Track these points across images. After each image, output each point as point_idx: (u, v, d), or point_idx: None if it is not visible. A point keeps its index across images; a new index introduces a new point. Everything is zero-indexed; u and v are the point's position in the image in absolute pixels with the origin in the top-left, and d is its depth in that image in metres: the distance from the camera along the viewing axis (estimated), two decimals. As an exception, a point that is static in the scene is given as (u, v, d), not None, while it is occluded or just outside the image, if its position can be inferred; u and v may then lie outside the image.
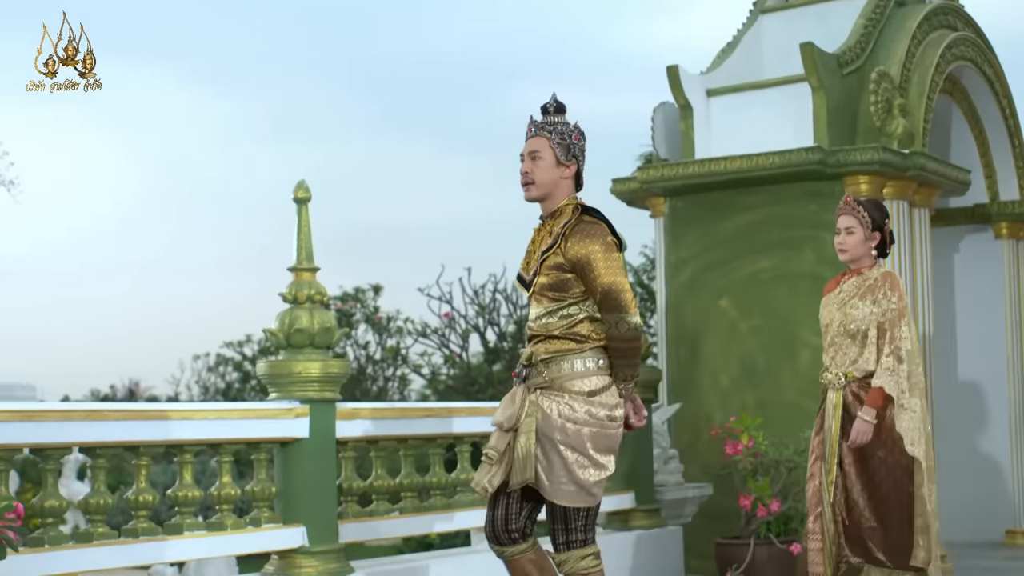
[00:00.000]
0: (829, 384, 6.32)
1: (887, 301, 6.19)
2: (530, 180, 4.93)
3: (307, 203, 6.21)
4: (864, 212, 6.29)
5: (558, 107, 5.00)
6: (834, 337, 6.33)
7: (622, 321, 4.78)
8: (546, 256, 4.85)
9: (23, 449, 5.37)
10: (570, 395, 4.78)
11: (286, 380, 6.14)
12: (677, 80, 9.22)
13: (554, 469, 4.75)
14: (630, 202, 9.88)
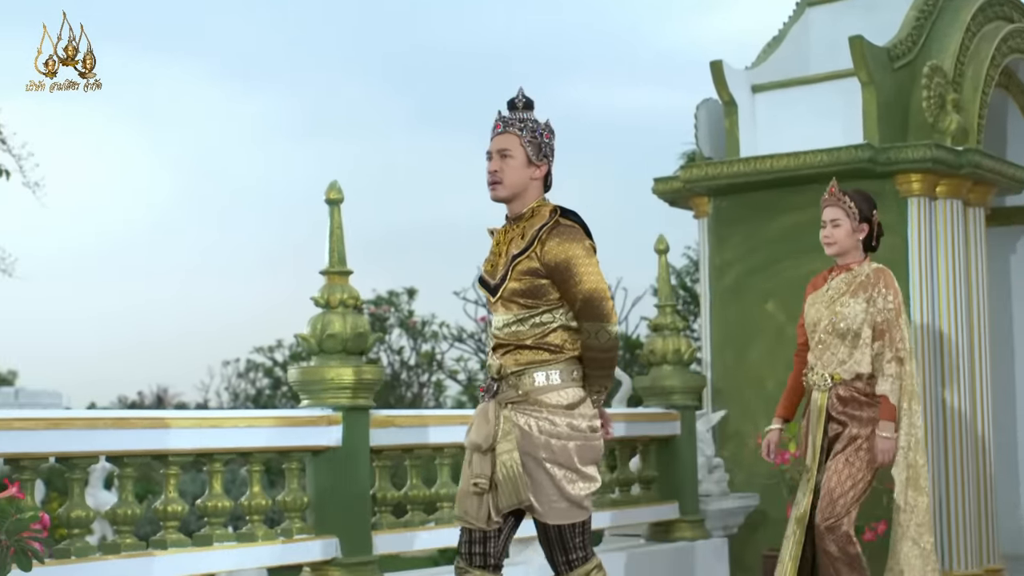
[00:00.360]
0: (814, 385, 6.21)
1: (883, 300, 6.07)
2: (498, 180, 4.78)
3: (339, 204, 6.20)
4: (851, 203, 6.16)
5: (527, 103, 4.86)
6: (821, 336, 6.17)
7: (603, 330, 4.67)
8: (519, 260, 4.70)
9: (49, 458, 5.38)
10: (548, 409, 4.66)
11: (318, 387, 6.14)
12: (721, 76, 9.17)
13: (543, 489, 4.65)
14: (673, 202, 9.84)
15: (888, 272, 6.18)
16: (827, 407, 6.13)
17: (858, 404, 6.13)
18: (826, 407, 6.13)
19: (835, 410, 6.11)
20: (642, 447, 8.28)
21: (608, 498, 7.92)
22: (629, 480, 8.14)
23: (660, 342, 8.34)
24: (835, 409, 6.11)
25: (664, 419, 8.18)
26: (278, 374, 22.59)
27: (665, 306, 8.36)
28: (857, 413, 6.12)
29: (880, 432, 6.01)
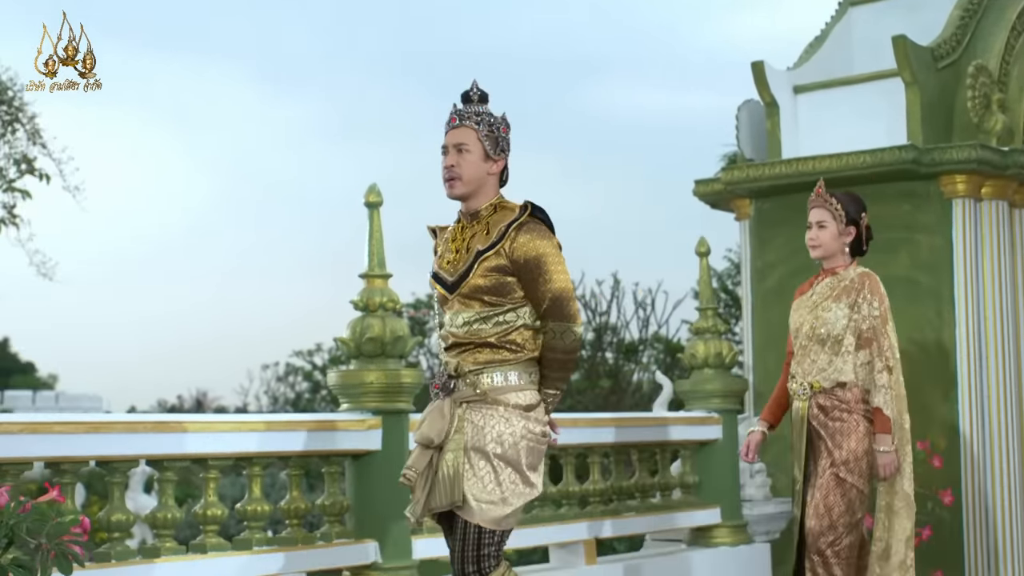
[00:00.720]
0: (794, 394, 6.09)
1: (869, 307, 5.92)
2: (456, 175, 4.69)
3: (379, 207, 6.22)
4: (837, 204, 6.04)
5: (481, 96, 4.76)
6: (803, 343, 6.04)
7: (569, 331, 4.62)
8: (485, 256, 4.61)
9: (89, 462, 5.42)
10: (505, 408, 4.60)
11: (358, 390, 6.16)
12: (763, 77, 9.15)
13: (481, 484, 4.56)
14: (714, 204, 9.82)
15: (874, 277, 6.03)
16: (808, 416, 5.99)
17: (839, 413, 5.97)
18: (807, 416, 5.99)
19: (816, 420, 5.96)
20: (683, 451, 8.26)
21: (649, 503, 7.90)
22: (670, 484, 8.12)
23: (701, 345, 8.31)
24: (816, 419, 5.96)
25: (705, 423, 8.15)
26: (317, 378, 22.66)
27: (706, 309, 8.34)
28: (838, 424, 5.95)
29: (878, 447, 5.86)
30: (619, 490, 7.73)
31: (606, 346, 16.23)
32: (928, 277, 8.54)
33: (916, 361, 8.40)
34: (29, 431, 4.99)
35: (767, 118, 9.30)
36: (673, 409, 9.03)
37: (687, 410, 8.36)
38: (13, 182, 10.52)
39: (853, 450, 5.88)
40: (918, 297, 8.53)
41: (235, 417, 5.87)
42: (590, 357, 15.97)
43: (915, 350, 8.43)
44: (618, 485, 7.72)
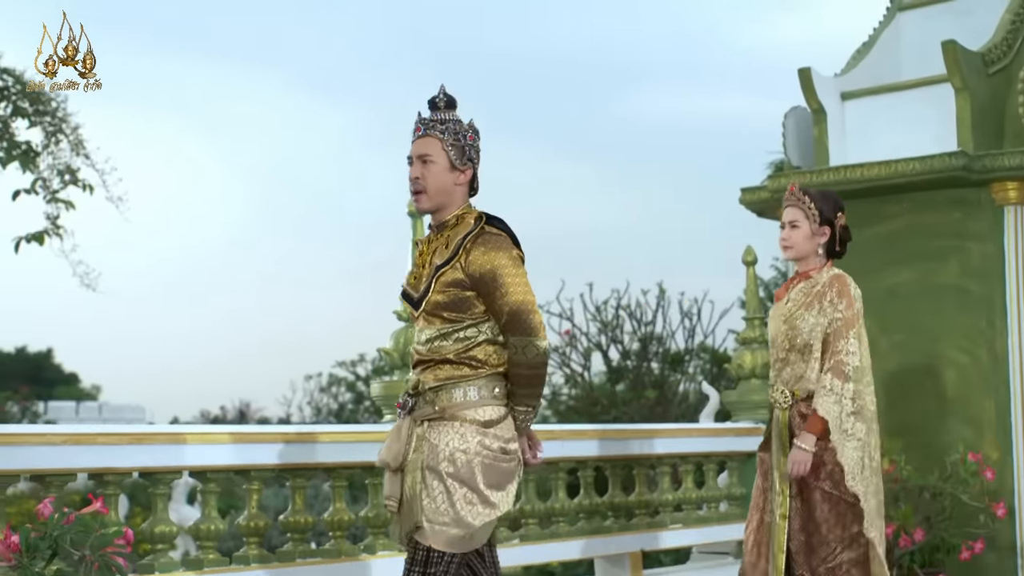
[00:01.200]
0: (775, 403, 5.83)
1: (833, 309, 5.65)
2: (421, 188, 4.53)
3: (421, 217, 6.23)
4: (810, 203, 5.79)
5: (448, 101, 4.60)
6: (779, 352, 5.80)
7: (530, 345, 4.43)
8: (442, 271, 4.46)
9: (132, 473, 5.46)
10: (462, 424, 4.41)
11: (399, 402, 6.16)
12: (810, 83, 9.12)
13: (436, 506, 4.37)
14: (760, 212, 9.78)
15: (844, 279, 5.77)
16: (789, 426, 5.73)
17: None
18: (788, 426, 5.74)
19: (798, 428, 5.69)
20: (730, 463, 8.23)
21: (696, 515, 7.88)
22: (717, 497, 8.10)
23: (748, 356, 8.29)
24: (798, 428, 5.68)
25: (753, 434, 8.12)
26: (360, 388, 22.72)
27: (753, 319, 8.32)
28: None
29: (798, 443, 5.58)
30: (665, 502, 7.71)
31: (652, 356, 16.19)
32: (979, 286, 8.47)
33: (967, 371, 8.34)
34: (72, 442, 5.03)
35: (814, 125, 9.26)
36: (720, 420, 9.01)
37: (734, 421, 8.35)
38: (56, 193, 10.59)
39: (836, 460, 5.59)
40: (969, 306, 8.47)
41: (278, 428, 5.90)
42: (635, 368, 15.94)
43: (966, 360, 8.37)
44: (664, 497, 7.70)
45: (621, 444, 7.43)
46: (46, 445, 4.97)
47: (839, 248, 5.89)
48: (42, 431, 5.16)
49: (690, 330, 16.20)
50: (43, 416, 27.79)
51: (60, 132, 10.54)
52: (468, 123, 4.61)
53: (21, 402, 24.01)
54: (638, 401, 15.37)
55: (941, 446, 8.17)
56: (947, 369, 8.60)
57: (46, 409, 32.06)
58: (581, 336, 16.22)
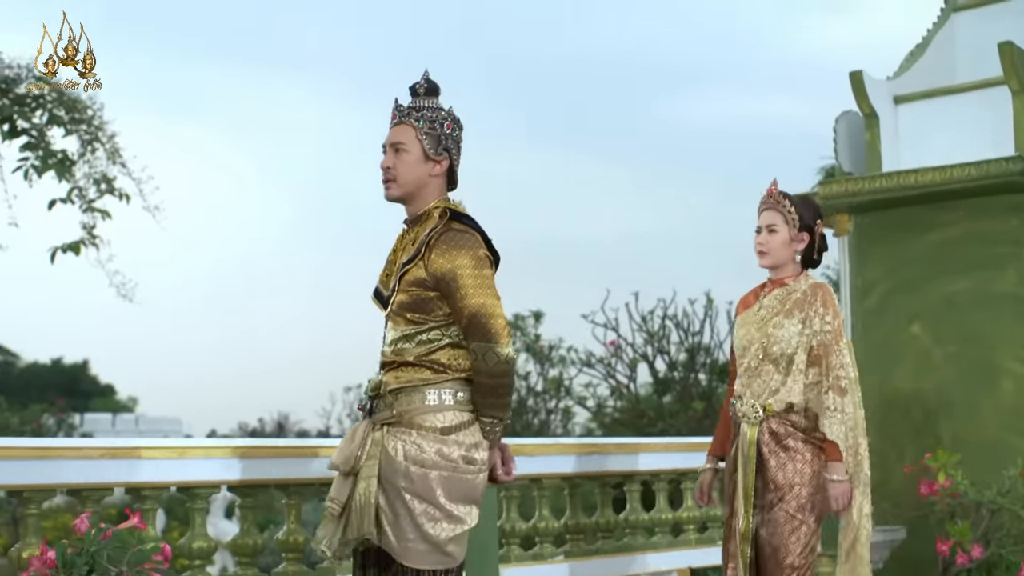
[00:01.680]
0: (743, 417, 5.50)
1: (820, 321, 5.43)
2: (391, 177, 4.39)
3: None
4: (791, 207, 5.57)
5: (429, 88, 4.45)
6: (751, 362, 5.52)
7: (490, 352, 4.24)
8: (407, 269, 4.32)
9: (170, 487, 5.47)
10: (419, 432, 4.25)
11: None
12: (861, 87, 9.07)
13: (400, 523, 4.21)
14: (811, 219, 9.72)
15: (827, 288, 5.57)
16: (758, 442, 5.44)
17: (792, 441, 5.44)
18: (757, 442, 5.44)
19: (768, 447, 5.42)
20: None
21: (745, 530, 7.84)
22: (767, 512, 8.04)
23: (799, 367, 8.22)
24: (768, 446, 5.42)
25: (804, 448, 8.06)
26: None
27: (804, 329, 8.25)
28: (790, 453, 5.42)
29: (830, 475, 5.35)
30: (714, 517, 7.68)
31: (699, 367, 16.12)
32: (1040, 295, 8.41)
33: (1026, 382, 8.28)
34: (109, 456, 5.05)
35: (866, 129, 9.22)
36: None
37: (784, 434, 8.28)
38: (92, 202, 10.64)
39: (806, 483, 5.39)
40: (1027, 315, 8.42)
41: (316, 442, 5.89)
42: (682, 379, 15.88)
43: (1022, 371, 8.31)
44: (713, 512, 7.67)
45: (667, 457, 7.40)
46: (83, 459, 4.99)
47: (816, 257, 5.68)
48: (79, 445, 5.18)
49: (738, 340, 16.12)
50: (79, 428, 27.96)
51: (96, 140, 10.59)
52: (448, 111, 4.46)
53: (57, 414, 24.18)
54: (685, 413, 15.30)
55: (999, 460, 8.10)
56: (1004, 380, 8.53)
57: (82, 421, 32.25)
58: (627, 347, 16.17)
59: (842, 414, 5.35)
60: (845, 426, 5.35)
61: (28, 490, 4.92)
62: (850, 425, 5.37)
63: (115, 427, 38.25)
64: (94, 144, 10.59)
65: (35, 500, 4.94)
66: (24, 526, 4.99)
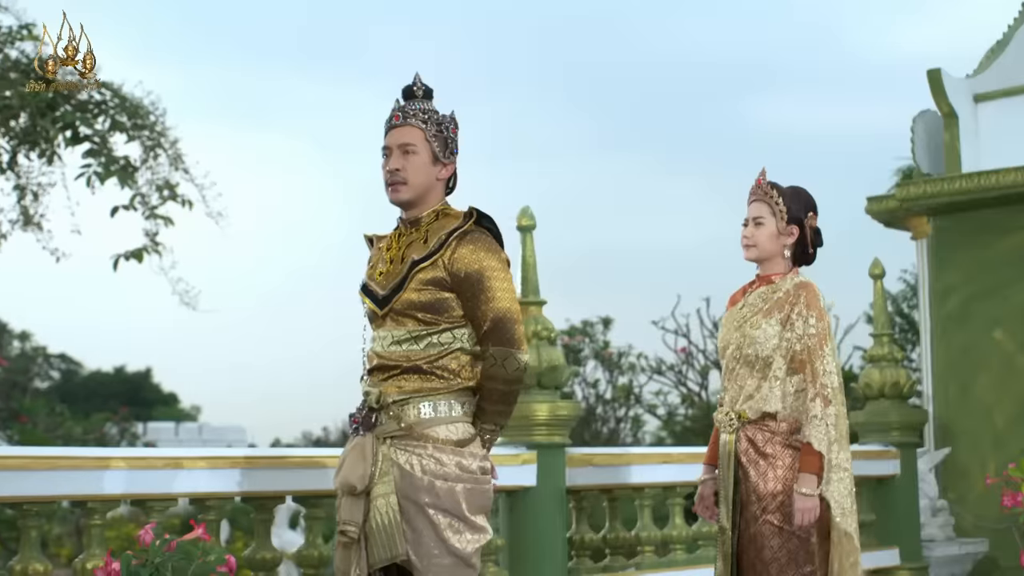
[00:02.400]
0: (720, 425, 5.26)
1: (803, 323, 5.10)
2: (401, 179, 4.29)
3: (532, 231, 6.24)
4: (778, 198, 5.27)
5: (427, 91, 4.38)
6: (730, 364, 5.23)
7: (511, 358, 4.20)
8: (421, 267, 4.22)
9: (234, 498, 5.50)
10: (434, 445, 4.17)
11: (511, 423, 6.14)
12: (940, 85, 8.99)
13: (423, 541, 4.14)
14: (888, 222, 9.67)
15: (813, 288, 5.22)
16: (736, 452, 5.18)
17: (772, 448, 5.12)
18: (735, 452, 5.18)
19: (746, 455, 5.15)
20: (858, 488, 8.11)
21: (822, 543, 7.79)
22: (844, 523, 7.99)
23: (877, 374, 8.18)
24: (746, 454, 5.15)
25: (882, 457, 8.01)
26: (467, 409, 22.80)
27: (881, 335, 8.20)
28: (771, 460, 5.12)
29: (799, 487, 4.98)
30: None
31: (772, 374, 16.06)
32: None
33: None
34: (173, 466, 5.09)
35: (945, 129, 9.14)
36: (846, 442, 8.89)
37: (862, 443, 8.23)
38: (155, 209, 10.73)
39: (790, 492, 5.04)
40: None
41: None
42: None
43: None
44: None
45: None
46: (147, 469, 5.03)
47: (811, 251, 5.35)
48: (143, 455, 5.23)
49: (813, 347, 16.02)
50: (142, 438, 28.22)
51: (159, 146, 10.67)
52: (450, 114, 4.40)
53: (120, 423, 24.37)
54: (759, 421, 15.25)
55: (1085, 470, 8.00)
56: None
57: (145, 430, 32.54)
58: (698, 353, 16.12)
59: (826, 425, 5.01)
60: (829, 439, 5.00)
61: (92, 500, 4.97)
62: (834, 437, 5.01)
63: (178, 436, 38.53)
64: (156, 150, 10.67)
65: (99, 510, 4.99)
66: (88, 536, 5.04)
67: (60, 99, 10.24)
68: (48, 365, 33.80)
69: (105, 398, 39.10)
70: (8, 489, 4.77)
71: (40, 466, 4.82)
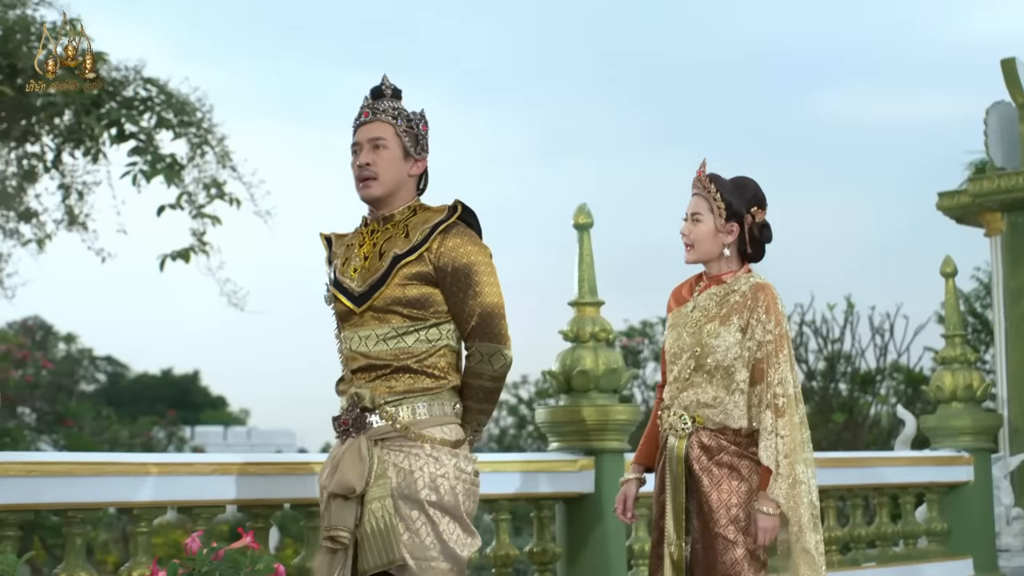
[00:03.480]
0: (669, 429, 4.94)
1: (763, 329, 4.84)
2: (371, 175, 4.30)
3: (589, 229, 6.21)
4: (716, 193, 4.96)
5: (395, 91, 4.42)
6: (681, 371, 4.93)
7: (498, 354, 4.25)
8: (405, 261, 4.22)
9: (284, 505, 5.51)
10: (431, 444, 4.19)
11: (568, 428, 6.16)
12: (1014, 75, 8.92)
13: (421, 541, 4.14)
14: (959, 219, 9.61)
15: (770, 289, 4.92)
16: (687, 458, 4.88)
17: (728, 456, 4.86)
18: (685, 458, 4.88)
19: (698, 463, 4.86)
20: (929, 495, 8.06)
21: (892, 552, 7.74)
22: (915, 532, 7.94)
23: (948, 377, 8.11)
24: (698, 462, 4.86)
25: (954, 463, 7.94)
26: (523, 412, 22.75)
27: (953, 336, 8.13)
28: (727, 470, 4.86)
29: (759, 506, 4.75)
30: (857, 538, 7.59)
31: (839, 377, 15.96)
32: None
33: None
34: (221, 472, 5.10)
35: (1020, 121, 9.06)
36: (917, 447, 8.83)
37: (933, 449, 8.17)
38: (202, 207, 10.78)
39: (744, 503, 4.82)
40: None
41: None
42: (822, 389, 15.71)
43: None
44: (856, 532, 7.57)
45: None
46: (194, 475, 5.05)
47: (751, 251, 5.02)
48: (190, 460, 5.25)
49: (882, 348, 15.93)
50: (190, 442, 28.38)
51: (205, 144, 10.73)
52: (420, 112, 4.43)
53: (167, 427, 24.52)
54: (825, 426, 15.15)
55: None
56: None
57: (193, 434, 32.72)
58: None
59: (776, 437, 4.75)
60: (778, 452, 4.75)
61: (139, 507, 4.99)
62: (785, 451, 4.75)
63: (226, 440, 38.68)
64: (203, 147, 10.73)
65: (145, 517, 5.01)
66: (134, 544, 5.07)
67: (105, 96, 10.31)
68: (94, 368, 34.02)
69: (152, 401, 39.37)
70: (53, 496, 4.81)
71: (85, 472, 4.85)
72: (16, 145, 10.75)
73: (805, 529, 4.79)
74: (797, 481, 4.78)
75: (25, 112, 10.26)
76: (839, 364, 15.90)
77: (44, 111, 10.20)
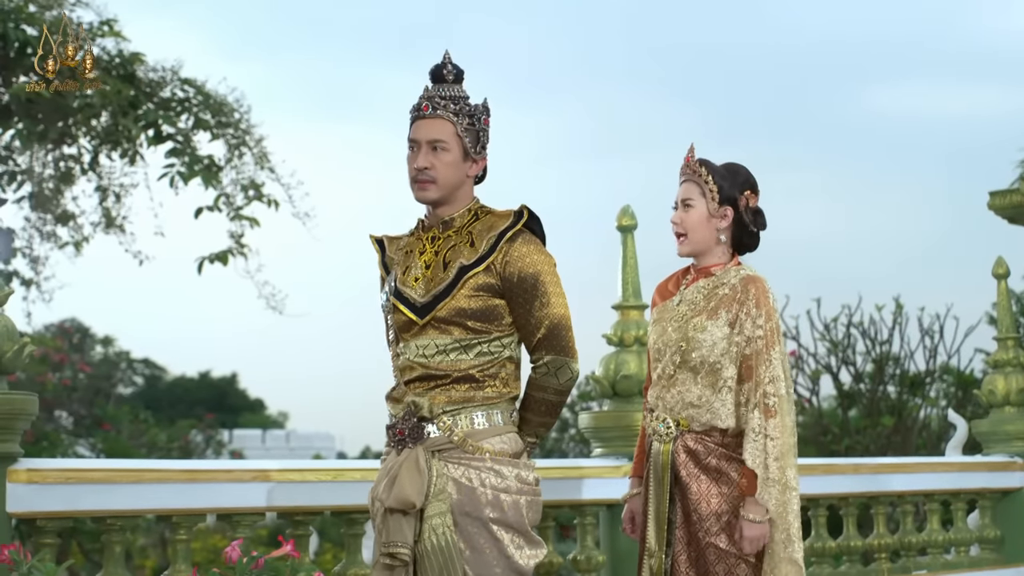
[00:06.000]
0: (654, 433, 4.80)
1: (752, 324, 4.67)
2: (430, 178, 4.16)
3: (632, 231, 6.20)
4: (708, 176, 4.79)
5: (458, 74, 4.23)
6: (665, 368, 4.76)
7: (566, 367, 4.17)
8: (472, 272, 4.11)
9: (324, 511, 5.52)
10: (492, 456, 4.09)
11: (613, 433, 6.15)
12: (1068, 72, 8.84)
13: (485, 559, 4.03)
14: (1012, 218, 9.54)
15: (761, 283, 4.74)
16: (673, 464, 4.73)
17: (717, 461, 4.69)
18: (671, 463, 4.73)
19: (685, 468, 4.71)
20: (982, 501, 8.01)
21: (942, 559, 7.69)
22: (967, 540, 7.88)
23: (1001, 380, 8.05)
24: (685, 467, 4.71)
25: (1008, 469, 7.89)
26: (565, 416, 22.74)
27: (1006, 338, 8.08)
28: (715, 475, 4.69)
29: (746, 513, 4.60)
30: (908, 545, 7.55)
31: (888, 379, 15.86)
32: None
33: None
34: (261, 479, 5.12)
35: (1073, 119, 8.99)
36: (969, 452, 8.78)
37: (985, 454, 8.12)
38: (240, 209, 10.81)
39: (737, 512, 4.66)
40: None
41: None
42: (870, 392, 15.62)
43: None
44: (906, 539, 7.53)
45: (856, 480, 7.28)
46: (233, 482, 5.07)
47: (747, 239, 4.88)
48: (229, 467, 5.28)
49: (931, 350, 15.82)
50: (228, 445, 28.49)
51: (244, 145, 10.76)
52: (483, 103, 4.26)
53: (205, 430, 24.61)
54: (873, 429, 15.07)
55: None
56: None
57: (231, 438, 32.86)
58: (808, 357, 15.97)
59: (765, 439, 4.59)
60: (767, 455, 4.59)
61: (178, 515, 5.01)
62: (776, 454, 4.59)
63: (265, 443, 38.83)
64: (241, 148, 10.76)
65: (185, 525, 5.03)
66: (173, 551, 5.09)
67: (142, 97, 10.35)
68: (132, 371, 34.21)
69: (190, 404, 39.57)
70: (92, 503, 4.84)
71: (124, 479, 4.88)
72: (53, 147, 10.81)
73: (794, 539, 4.64)
74: (788, 487, 4.63)
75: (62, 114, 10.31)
76: (887, 366, 15.80)
77: (81, 113, 10.25)
